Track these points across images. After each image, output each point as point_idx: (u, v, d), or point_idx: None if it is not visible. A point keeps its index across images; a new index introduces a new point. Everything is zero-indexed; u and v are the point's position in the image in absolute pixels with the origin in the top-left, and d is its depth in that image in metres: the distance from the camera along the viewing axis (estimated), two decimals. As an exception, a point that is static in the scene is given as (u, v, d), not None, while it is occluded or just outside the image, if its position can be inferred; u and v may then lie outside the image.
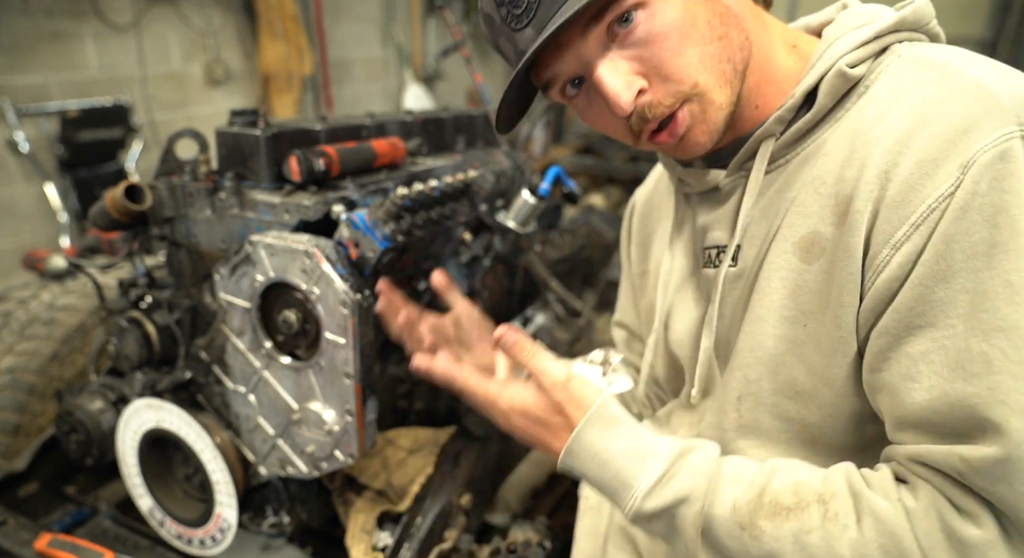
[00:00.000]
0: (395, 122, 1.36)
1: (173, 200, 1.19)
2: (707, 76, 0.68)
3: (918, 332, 0.61)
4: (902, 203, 0.61)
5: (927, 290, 0.60)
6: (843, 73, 0.69)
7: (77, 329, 1.51)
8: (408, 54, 5.72)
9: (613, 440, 0.74)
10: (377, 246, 1.03)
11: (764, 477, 0.69)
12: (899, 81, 0.67)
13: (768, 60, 0.74)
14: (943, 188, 0.59)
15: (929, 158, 0.60)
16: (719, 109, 0.70)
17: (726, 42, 0.68)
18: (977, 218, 0.58)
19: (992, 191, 0.57)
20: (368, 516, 1.22)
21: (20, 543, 1.21)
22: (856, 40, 0.70)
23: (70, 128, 3.39)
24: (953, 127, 0.60)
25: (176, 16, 3.94)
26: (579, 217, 2.79)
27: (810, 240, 0.70)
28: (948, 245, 0.59)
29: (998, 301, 0.57)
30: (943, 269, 0.59)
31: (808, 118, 0.71)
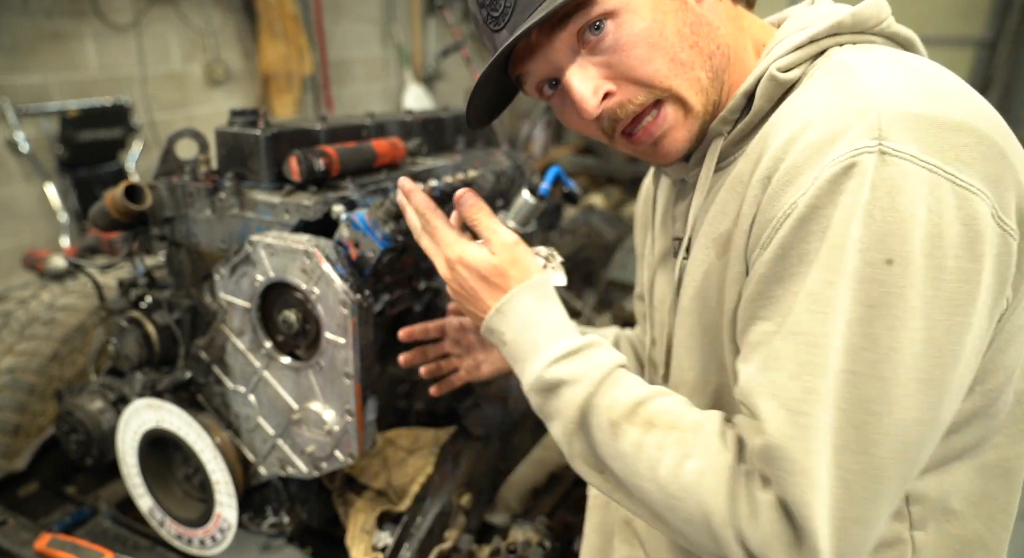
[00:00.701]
0: (395, 122, 1.36)
1: (173, 200, 1.19)
2: (679, 81, 0.72)
3: (756, 323, 0.66)
4: (770, 207, 0.65)
5: (767, 287, 0.65)
6: (773, 77, 0.71)
7: (77, 329, 1.51)
8: (408, 54, 5.72)
9: (541, 311, 0.80)
10: (377, 246, 1.03)
11: (650, 393, 0.74)
12: (812, 87, 0.69)
13: (742, 63, 0.77)
14: (796, 195, 0.62)
15: (796, 165, 0.63)
16: (696, 117, 0.74)
17: (696, 51, 0.72)
18: (813, 228, 0.61)
19: (828, 205, 0.60)
20: (368, 516, 1.22)
21: (20, 543, 1.22)
22: (791, 44, 0.72)
23: (70, 128, 3.39)
24: (822, 137, 0.62)
25: (176, 16, 3.95)
26: (579, 217, 2.79)
27: (724, 237, 0.74)
28: (785, 251, 0.63)
29: (801, 307, 0.61)
30: (780, 271, 0.63)
31: (747, 120, 0.73)
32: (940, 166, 0.58)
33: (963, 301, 0.58)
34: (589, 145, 5.25)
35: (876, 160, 0.58)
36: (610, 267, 2.55)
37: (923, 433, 0.60)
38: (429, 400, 1.47)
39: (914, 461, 0.61)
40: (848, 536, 0.60)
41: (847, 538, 0.60)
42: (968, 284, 0.58)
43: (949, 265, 0.58)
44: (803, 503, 0.59)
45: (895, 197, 0.58)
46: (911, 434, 0.59)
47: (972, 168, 0.59)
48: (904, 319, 0.58)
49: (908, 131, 0.59)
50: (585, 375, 0.75)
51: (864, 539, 0.61)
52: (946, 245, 0.58)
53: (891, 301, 0.58)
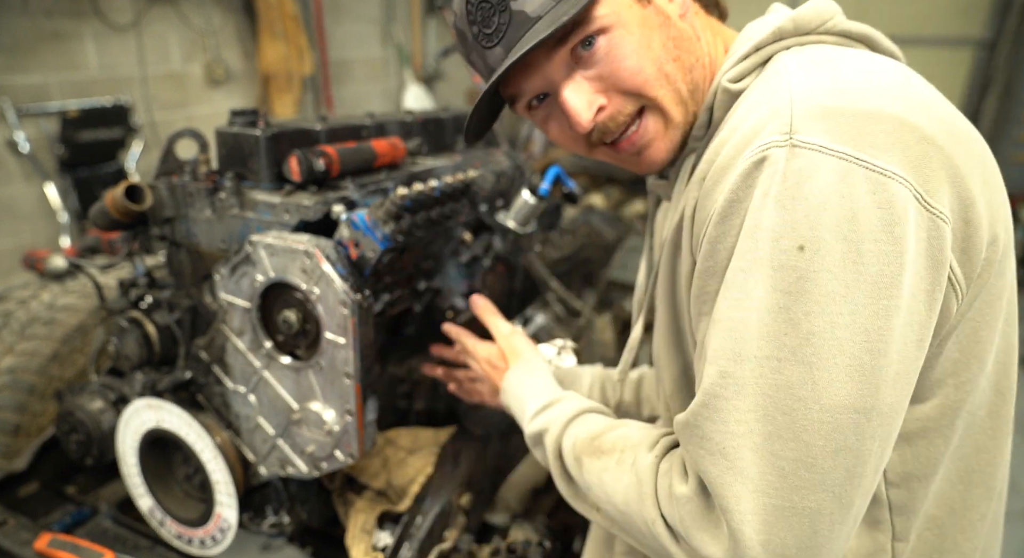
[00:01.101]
0: (395, 122, 1.36)
1: (173, 200, 1.19)
2: (664, 92, 0.75)
3: (700, 319, 0.70)
4: (703, 207, 0.68)
5: (703, 282, 0.68)
6: (724, 88, 0.74)
7: (77, 329, 1.51)
8: (408, 54, 5.72)
9: (527, 381, 1.00)
10: (377, 246, 1.03)
11: (606, 427, 0.84)
12: (752, 93, 0.71)
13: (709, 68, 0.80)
14: (719, 192, 0.65)
15: (722, 165, 0.66)
16: (676, 128, 0.78)
17: (679, 64, 0.75)
18: (733, 222, 0.63)
19: (744, 198, 0.62)
20: (368, 516, 1.22)
21: (20, 543, 1.21)
22: (737, 54, 0.74)
23: (70, 128, 3.39)
24: (746, 135, 0.64)
25: (176, 16, 3.95)
26: (579, 217, 2.79)
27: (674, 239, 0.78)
28: (713, 245, 0.66)
29: (721, 296, 0.64)
30: (710, 266, 0.66)
31: (709, 133, 0.76)
32: (851, 153, 0.59)
33: (887, 284, 0.58)
34: (589, 145, 5.24)
35: (786, 153, 0.60)
36: (610, 267, 2.55)
37: (858, 421, 0.59)
38: (429, 400, 1.47)
39: (856, 451, 0.60)
40: (781, 525, 0.59)
41: (779, 526, 0.59)
42: (890, 267, 0.58)
43: (867, 248, 0.58)
44: (720, 483, 0.61)
45: (803, 185, 0.59)
46: (843, 421, 0.59)
47: (888, 154, 0.59)
48: (822, 303, 0.58)
49: (819, 122, 0.60)
50: (555, 421, 0.88)
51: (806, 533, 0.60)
52: (861, 229, 0.58)
53: (806, 286, 0.59)
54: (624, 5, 0.72)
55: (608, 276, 2.50)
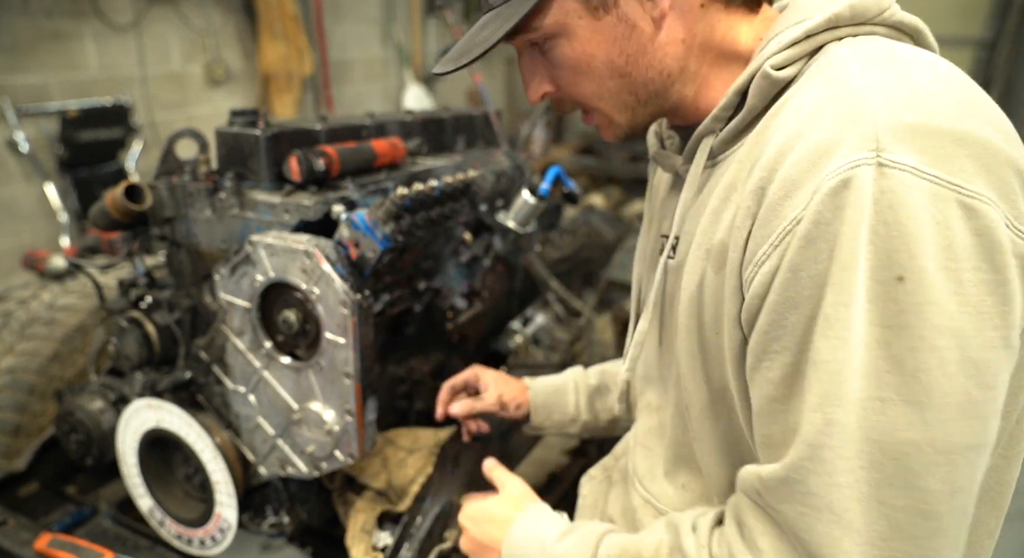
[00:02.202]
0: (395, 122, 1.36)
1: (173, 200, 1.19)
2: (603, 104, 0.76)
3: (772, 356, 0.62)
4: (766, 222, 0.61)
5: (779, 316, 0.60)
6: (767, 74, 0.68)
7: (77, 329, 1.51)
8: (408, 54, 5.72)
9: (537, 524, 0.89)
10: (377, 246, 1.03)
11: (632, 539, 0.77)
12: (806, 88, 0.66)
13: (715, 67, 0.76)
14: (796, 211, 0.59)
15: (791, 178, 0.60)
16: (619, 126, 0.79)
17: (627, 80, 0.74)
18: (821, 247, 0.57)
19: (834, 221, 0.56)
20: (368, 516, 1.22)
21: (20, 543, 1.21)
22: (785, 40, 0.68)
23: (70, 128, 3.39)
24: (817, 146, 0.59)
25: (176, 16, 3.94)
26: (579, 217, 2.79)
27: (719, 250, 0.70)
28: (795, 273, 0.59)
29: (819, 333, 0.58)
30: (792, 296, 0.59)
31: (739, 118, 0.71)
32: (943, 177, 0.55)
33: (991, 313, 0.54)
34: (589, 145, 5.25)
35: (874, 173, 0.55)
36: (610, 267, 2.55)
37: (972, 460, 0.56)
38: (429, 400, 1.47)
39: (969, 491, 0.57)
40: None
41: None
42: (992, 295, 0.54)
43: (968, 278, 0.54)
44: (827, 541, 0.57)
45: (898, 211, 0.54)
46: (959, 461, 0.55)
47: (976, 178, 0.55)
48: (927, 338, 0.54)
49: (906, 142, 0.56)
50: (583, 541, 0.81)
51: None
52: (960, 258, 0.54)
53: (909, 320, 0.54)
54: (573, 15, 0.71)
55: (608, 276, 2.50)
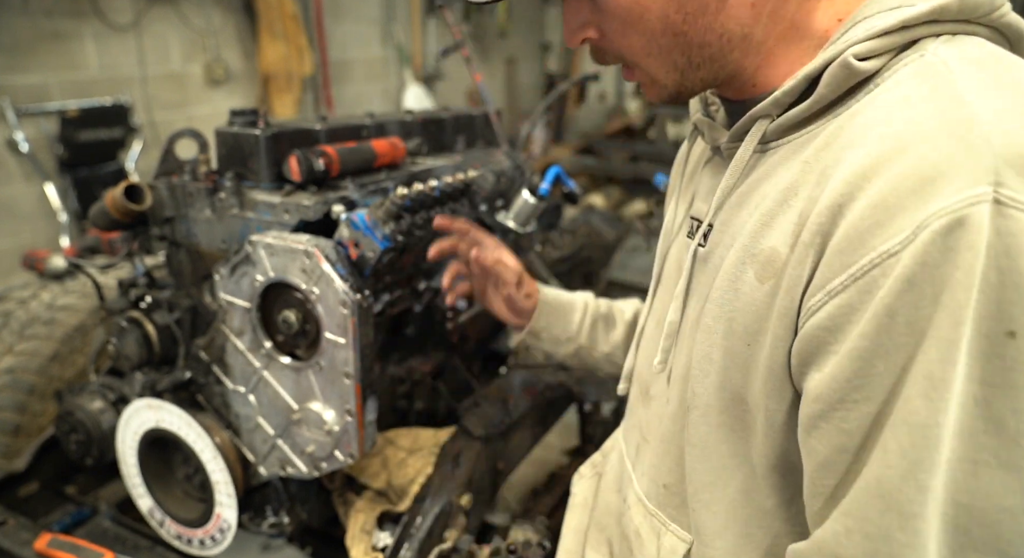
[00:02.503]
0: (395, 122, 1.36)
1: (173, 200, 1.19)
2: (650, 61, 0.68)
3: (853, 406, 0.55)
4: (847, 248, 0.54)
5: (866, 364, 0.53)
6: (847, 64, 0.59)
7: (77, 329, 1.51)
8: (408, 54, 5.72)
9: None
10: (377, 246, 1.03)
11: None
12: (899, 91, 0.57)
13: (783, 42, 0.67)
14: (890, 243, 0.51)
15: (885, 203, 0.52)
16: (664, 88, 0.71)
17: (681, 38, 0.65)
18: (926, 292, 0.50)
19: (944, 264, 0.49)
20: (368, 516, 1.22)
21: (20, 543, 1.21)
22: (875, 27, 0.59)
23: (70, 128, 3.39)
24: (920, 172, 0.51)
25: (176, 16, 3.95)
26: (579, 217, 2.79)
27: (768, 257, 0.63)
28: (892, 319, 0.52)
29: (916, 391, 0.51)
30: (884, 343, 0.52)
31: (803, 107, 0.63)
32: None
33: None
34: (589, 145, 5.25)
35: (991, 212, 0.48)
36: (610, 267, 2.55)
37: None
38: (429, 400, 1.47)
39: None
40: None
41: None
42: None
43: None
44: None
45: (1015, 259, 0.48)
46: None
47: None
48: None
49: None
50: None
51: None
52: None
53: (1016, 379, 0.49)
54: None
55: (608, 276, 2.50)
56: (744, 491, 0.71)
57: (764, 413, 0.65)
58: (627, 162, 4.78)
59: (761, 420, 0.66)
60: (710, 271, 0.72)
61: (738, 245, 0.66)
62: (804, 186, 0.60)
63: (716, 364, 0.70)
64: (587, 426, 1.80)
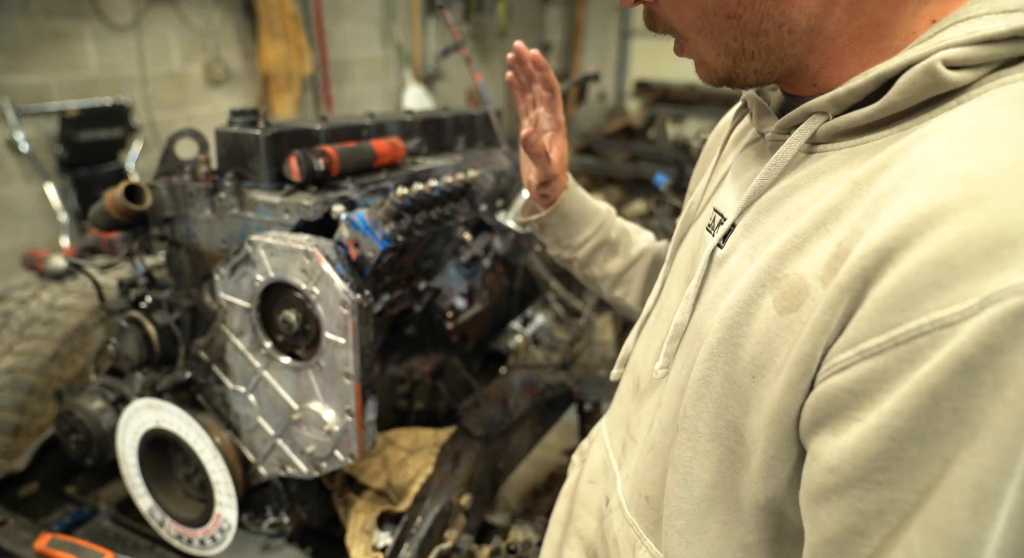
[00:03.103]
0: (395, 122, 1.36)
1: (173, 200, 1.19)
2: (700, 39, 0.61)
3: (874, 488, 0.47)
4: (892, 306, 0.45)
5: (897, 445, 0.45)
6: (933, 71, 0.49)
7: (77, 329, 1.51)
8: (408, 54, 5.72)
9: None
10: (377, 246, 1.03)
11: None
12: (988, 118, 0.47)
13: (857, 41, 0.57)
14: (948, 312, 0.42)
15: (949, 262, 0.43)
16: (713, 70, 0.64)
17: (734, 22, 0.57)
18: (984, 379, 0.42)
19: (1013, 351, 0.41)
20: (368, 516, 1.22)
21: (20, 543, 1.21)
22: (980, 32, 0.49)
23: (70, 128, 3.39)
24: (1000, 230, 0.42)
25: (176, 16, 3.94)
26: (579, 217, 2.78)
27: (793, 286, 0.54)
28: (936, 402, 0.43)
29: (958, 498, 0.43)
30: (922, 429, 0.44)
31: (867, 112, 0.54)
32: None
33: None
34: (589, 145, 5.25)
35: None
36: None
37: None
38: (429, 400, 1.47)
39: None
40: None
41: None
42: None
43: None
44: None
45: None
46: None
47: None
48: None
49: None
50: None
51: None
52: None
53: None
54: None
55: (608, 276, 2.49)
56: (724, 523, 0.65)
57: (763, 456, 0.58)
58: (627, 162, 4.78)
59: (757, 460, 0.59)
60: (724, 276, 0.65)
61: (760, 264, 0.58)
62: (849, 212, 0.51)
63: (714, 389, 0.62)
64: (587, 426, 1.80)
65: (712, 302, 0.66)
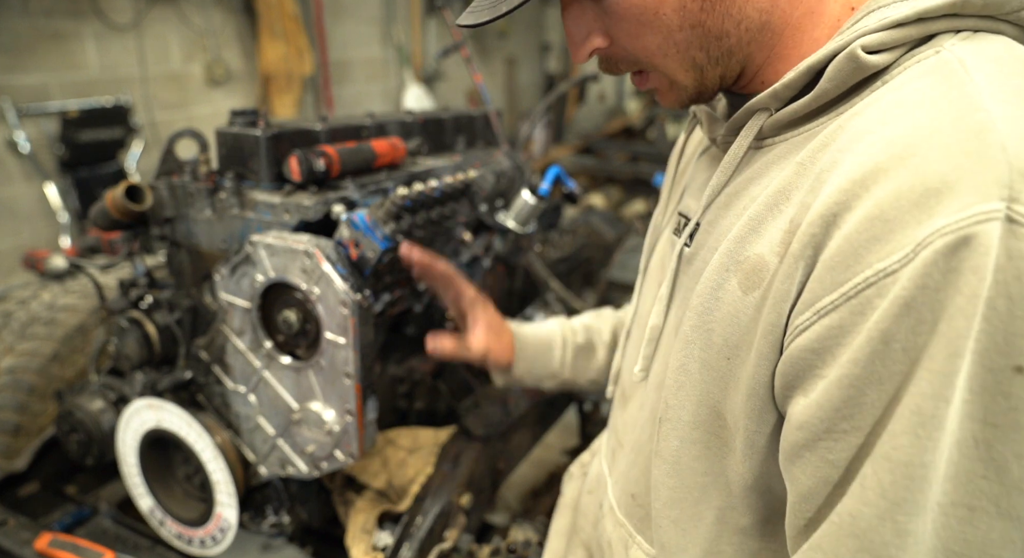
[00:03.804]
0: (395, 122, 1.36)
1: (173, 200, 1.19)
2: (668, 61, 0.63)
3: (841, 436, 0.50)
4: (840, 264, 0.49)
5: (858, 391, 0.49)
6: (854, 57, 0.54)
7: (77, 329, 1.51)
8: (408, 54, 5.72)
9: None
10: (377, 246, 1.03)
11: None
12: (907, 90, 0.52)
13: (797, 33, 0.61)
14: (888, 262, 0.46)
15: (884, 216, 0.47)
16: (683, 89, 0.66)
17: (699, 31, 0.60)
18: (925, 317, 0.45)
19: (945, 287, 0.44)
20: (368, 516, 1.22)
21: (20, 543, 1.21)
22: (890, 17, 0.54)
23: (70, 128, 3.39)
24: (924, 183, 0.46)
25: (176, 16, 3.95)
26: (579, 217, 2.79)
27: (755, 266, 0.57)
28: (887, 345, 0.47)
29: (903, 426, 0.47)
30: (878, 371, 0.48)
31: (803, 102, 0.58)
32: None
33: None
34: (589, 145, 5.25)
35: (1003, 231, 0.43)
36: (610, 267, 2.55)
37: None
38: (429, 400, 1.47)
39: None
40: None
41: None
42: None
43: None
44: None
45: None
46: None
47: None
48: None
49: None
50: None
51: None
52: None
53: (1022, 420, 0.44)
54: None
55: (608, 276, 2.50)
56: (718, 509, 0.67)
57: (744, 433, 0.61)
58: (627, 162, 4.78)
59: (740, 439, 0.62)
60: (693, 274, 0.68)
61: (722, 250, 0.61)
62: (797, 190, 0.56)
63: (693, 376, 0.65)
64: (587, 426, 1.80)
65: (685, 298, 0.69)
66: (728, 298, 0.60)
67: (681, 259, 0.71)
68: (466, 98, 6.38)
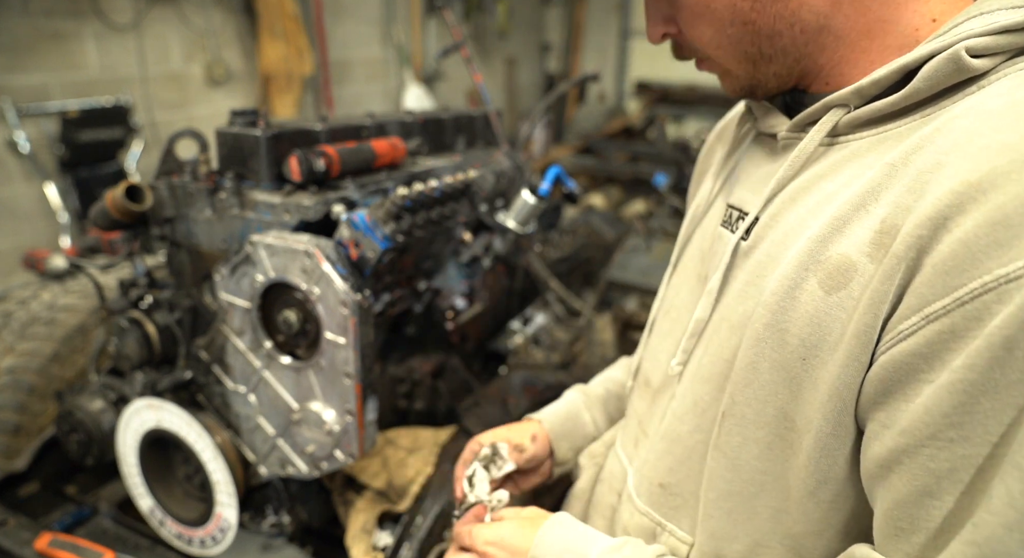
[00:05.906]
0: (395, 122, 1.36)
1: (173, 200, 1.19)
2: (720, 52, 0.66)
3: (946, 446, 0.49)
4: (954, 269, 0.48)
5: (970, 398, 0.48)
6: (957, 58, 0.53)
7: (77, 329, 1.51)
8: (408, 54, 5.72)
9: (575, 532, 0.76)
10: (377, 246, 1.03)
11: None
12: (1017, 96, 0.51)
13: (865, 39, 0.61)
14: (1009, 268, 0.46)
15: (1007, 222, 0.46)
16: (736, 79, 0.69)
17: (750, 28, 0.62)
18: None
19: None
20: (368, 516, 1.22)
21: (20, 543, 1.21)
22: (999, 23, 0.53)
23: (70, 128, 3.39)
24: None
25: (176, 16, 3.94)
26: (579, 217, 2.79)
27: (839, 266, 0.56)
28: (1009, 352, 0.46)
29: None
30: (996, 379, 0.46)
31: (893, 100, 0.57)
32: None
33: None
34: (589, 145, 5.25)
35: None
36: (610, 267, 2.55)
37: None
38: (429, 400, 1.47)
39: None
40: None
41: None
42: None
43: None
44: None
45: None
46: None
47: None
48: None
49: None
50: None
51: None
52: None
53: None
54: None
55: (608, 276, 2.50)
56: (773, 509, 0.67)
57: (816, 435, 0.59)
58: (627, 162, 4.78)
59: (809, 442, 0.60)
60: (751, 268, 0.67)
61: (801, 248, 0.60)
62: (889, 191, 0.54)
63: (763, 376, 0.64)
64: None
65: (742, 291, 0.68)
66: (806, 298, 0.59)
67: (736, 252, 0.70)
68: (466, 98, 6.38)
